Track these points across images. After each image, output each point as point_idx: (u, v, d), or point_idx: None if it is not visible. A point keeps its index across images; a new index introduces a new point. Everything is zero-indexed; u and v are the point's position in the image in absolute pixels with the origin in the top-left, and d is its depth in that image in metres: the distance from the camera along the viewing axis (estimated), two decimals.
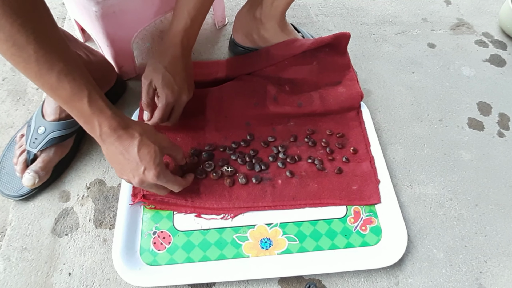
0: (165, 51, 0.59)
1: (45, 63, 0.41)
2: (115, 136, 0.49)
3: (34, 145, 0.61)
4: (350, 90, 0.73)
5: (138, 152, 0.49)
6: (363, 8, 0.98)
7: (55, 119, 0.62)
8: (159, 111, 0.61)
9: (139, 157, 0.49)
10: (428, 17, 0.97)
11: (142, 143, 0.50)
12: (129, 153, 0.49)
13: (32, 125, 0.62)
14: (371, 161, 0.67)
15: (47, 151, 0.62)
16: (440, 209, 0.65)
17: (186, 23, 0.58)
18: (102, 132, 0.48)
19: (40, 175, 0.61)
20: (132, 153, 0.49)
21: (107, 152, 0.51)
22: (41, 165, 0.61)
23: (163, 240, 0.59)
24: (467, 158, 0.72)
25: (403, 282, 0.58)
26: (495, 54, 0.89)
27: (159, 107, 0.61)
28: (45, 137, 0.62)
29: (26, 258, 0.58)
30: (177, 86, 0.60)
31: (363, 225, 0.61)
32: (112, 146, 0.49)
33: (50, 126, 0.62)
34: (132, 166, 0.50)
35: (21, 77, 0.80)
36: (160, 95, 0.60)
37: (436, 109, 0.79)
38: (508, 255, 0.61)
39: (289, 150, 0.68)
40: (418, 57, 0.88)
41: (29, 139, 0.62)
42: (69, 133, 0.64)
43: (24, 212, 0.62)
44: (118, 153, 0.50)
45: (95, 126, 0.47)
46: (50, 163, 0.63)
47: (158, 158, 0.51)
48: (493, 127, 0.77)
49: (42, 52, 0.40)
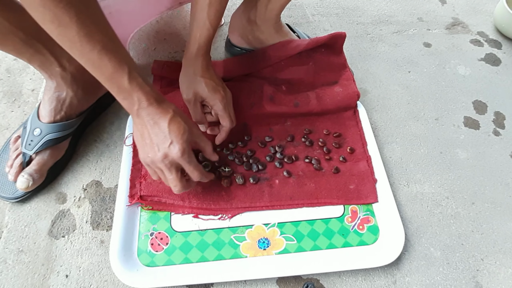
0: (195, 63, 0.61)
1: (88, 42, 0.42)
2: (151, 109, 0.50)
3: (29, 147, 0.61)
4: (346, 90, 0.74)
5: (168, 125, 0.50)
6: (359, 8, 0.98)
7: (50, 121, 0.62)
8: (226, 119, 0.61)
9: (168, 130, 0.50)
10: (423, 17, 0.97)
11: (174, 118, 0.51)
12: (159, 126, 0.50)
13: (28, 127, 0.62)
14: (368, 160, 0.67)
15: (42, 153, 0.62)
16: (437, 208, 0.65)
17: (209, 34, 0.60)
18: (140, 107, 0.49)
19: (34, 178, 0.61)
20: (163, 126, 0.50)
21: (138, 127, 0.52)
22: (35, 168, 0.61)
23: (160, 241, 0.58)
24: (463, 157, 0.72)
25: (401, 281, 0.58)
26: (490, 53, 0.90)
27: (222, 115, 0.61)
28: (41, 139, 0.61)
29: (22, 260, 0.58)
30: (221, 87, 0.61)
31: (361, 224, 0.61)
32: (145, 119, 0.50)
33: (46, 128, 0.62)
34: (160, 139, 0.50)
35: (16, 79, 0.79)
36: (214, 104, 0.61)
37: (432, 108, 0.79)
38: (504, 253, 0.62)
39: (286, 150, 0.68)
40: (414, 56, 0.88)
41: (25, 141, 0.61)
42: (65, 135, 0.64)
43: (20, 214, 0.62)
44: (149, 126, 0.50)
45: (134, 101, 0.49)
46: (44, 166, 0.62)
47: (187, 135, 0.51)
48: (489, 125, 0.77)
49: (84, 31, 0.41)
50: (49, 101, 0.63)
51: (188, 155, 0.52)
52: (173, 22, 0.91)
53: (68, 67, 0.62)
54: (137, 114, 0.50)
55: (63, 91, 0.63)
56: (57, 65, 0.61)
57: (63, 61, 0.62)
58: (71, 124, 0.65)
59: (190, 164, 0.53)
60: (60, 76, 0.62)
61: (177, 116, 0.51)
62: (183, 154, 0.51)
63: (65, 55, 0.62)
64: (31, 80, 0.79)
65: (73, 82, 0.63)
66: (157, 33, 0.88)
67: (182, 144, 0.50)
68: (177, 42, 0.87)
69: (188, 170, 0.54)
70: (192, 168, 0.54)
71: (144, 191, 0.61)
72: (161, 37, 0.87)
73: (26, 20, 0.56)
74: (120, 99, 0.50)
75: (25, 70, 0.81)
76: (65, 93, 0.63)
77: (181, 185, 0.54)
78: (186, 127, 0.51)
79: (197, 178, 0.55)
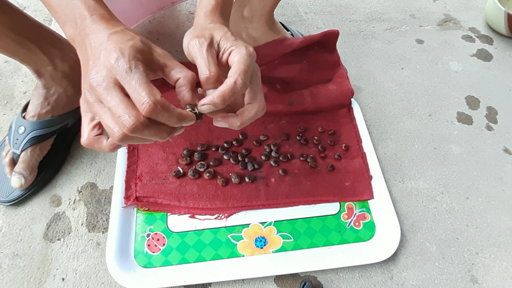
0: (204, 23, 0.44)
1: None
2: (94, 27, 0.37)
3: (16, 146, 0.61)
4: (340, 88, 0.74)
5: (109, 35, 0.35)
6: (351, 5, 0.98)
7: (35, 115, 0.62)
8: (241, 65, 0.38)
9: (107, 39, 0.35)
10: (415, 13, 0.98)
11: (121, 31, 0.37)
12: (100, 40, 0.36)
13: (13, 126, 0.62)
14: (363, 157, 0.67)
15: (25, 151, 0.61)
16: (431, 203, 0.66)
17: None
18: (81, 27, 0.37)
19: (25, 176, 0.60)
20: (102, 37, 0.36)
21: (80, 56, 0.38)
22: (22, 166, 0.61)
23: (157, 242, 0.58)
24: (457, 152, 0.73)
25: (397, 276, 0.58)
26: (481, 48, 0.91)
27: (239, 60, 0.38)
28: (25, 136, 0.61)
29: (18, 264, 0.57)
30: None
31: (357, 221, 0.61)
32: (86, 42, 0.37)
33: (29, 125, 0.61)
34: (96, 55, 0.35)
35: (7, 81, 0.78)
36: (236, 46, 0.39)
37: (426, 104, 0.79)
38: (498, 246, 0.62)
39: (282, 149, 0.68)
40: (407, 53, 0.89)
41: (11, 140, 0.61)
42: (49, 133, 0.63)
43: (14, 218, 0.62)
44: (89, 46, 0.36)
45: (75, 21, 0.38)
46: (31, 162, 0.62)
47: (133, 42, 0.35)
48: (482, 120, 0.78)
49: None
50: (37, 97, 0.62)
51: (139, 71, 0.33)
52: (166, 22, 0.90)
53: (60, 65, 0.62)
54: (80, 40, 0.37)
55: (52, 87, 0.63)
56: (49, 64, 0.61)
57: (56, 60, 0.61)
58: (55, 121, 0.64)
59: (133, 82, 0.33)
60: (49, 74, 0.62)
61: (127, 30, 0.37)
62: (131, 69, 0.33)
63: (58, 54, 0.62)
64: (23, 82, 0.78)
65: (63, 79, 0.63)
66: (150, 33, 0.88)
67: (121, 50, 0.34)
68: (170, 42, 0.86)
69: (132, 92, 0.33)
70: (139, 87, 0.33)
71: (139, 192, 0.61)
72: (154, 37, 0.87)
73: (17, 21, 0.56)
74: (63, 27, 0.39)
75: (16, 72, 0.80)
76: (54, 89, 0.63)
77: (134, 117, 0.33)
78: (135, 36, 0.36)
79: (147, 110, 0.33)
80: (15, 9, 0.56)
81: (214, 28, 0.41)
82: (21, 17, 0.57)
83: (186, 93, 0.37)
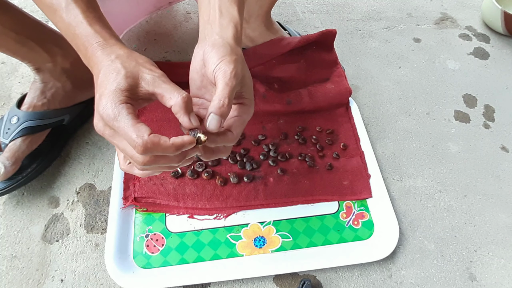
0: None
1: None
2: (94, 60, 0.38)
3: (6, 135, 0.60)
4: (338, 87, 0.74)
5: (100, 75, 0.36)
6: (348, 5, 0.98)
7: (30, 106, 0.61)
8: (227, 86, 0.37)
9: (100, 80, 0.36)
10: (412, 12, 0.98)
11: (111, 64, 0.36)
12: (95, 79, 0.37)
13: (5, 117, 0.61)
14: (361, 156, 0.68)
15: (15, 141, 0.60)
16: (430, 201, 0.66)
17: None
18: (86, 55, 0.38)
19: (6, 165, 0.58)
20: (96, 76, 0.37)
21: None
22: (7, 155, 0.59)
23: (156, 242, 0.58)
24: (455, 150, 0.73)
25: (396, 274, 0.59)
26: (478, 47, 0.91)
27: (225, 82, 0.37)
28: (18, 126, 0.60)
29: (16, 266, 0.57)
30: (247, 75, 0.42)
31: (356, 219, 0.62)
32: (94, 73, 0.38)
33: (23, 116, 0.60)
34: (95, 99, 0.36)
35: (4, 82, 0.78)
36: (220, 64, 0.38)
37: (423, 103, 0.80)
38: (496, 244, 0.62)
39: (280, 148, 0.68)
40: (404, 52, 0.89)
41: (2, 130, 0.60)
42: (43, 125, 0.62)
43: (12, 219, 0.61)
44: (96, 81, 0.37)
45: (82, 47, 0.39)
46: (17, 153, 0.60)
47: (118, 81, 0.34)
48: (479, 118, 0.78)
49: None
50: (34, 90, 0.62)
51: (118, 113, 0.33)
52: (163, 22, 0.90)
53: (61, 62, 0.62)
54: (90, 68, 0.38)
55: (50, 81, 0.63)
56: (49, 61, 0.61)
57: (57, 58, 0.61)
58: (50, 114, 0.63)
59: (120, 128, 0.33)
60: (49, 70, 0.62)
61: (116, 61, 0.36)
62: (107, 112, 0.33)
63: (60, 52, 0.62)
64: (20, 83, 0.78)
65: (62, 75, 0.63)
66: (148, 33, 0.87)
67: (106, 96, 0.34)
68: (167, 42, 0.86)
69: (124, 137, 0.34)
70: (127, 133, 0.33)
71: (138, 193, 0.61)
72: (151, 38, 0.87)
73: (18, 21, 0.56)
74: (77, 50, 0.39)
75: (13, 73, 0.80)
76: (52, 83, 0.63)
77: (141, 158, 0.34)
78: (120, 71, 0.35)
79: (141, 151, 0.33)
80: (15, 9, 0.56)
81: (208, 46, 0.40)
82: (21, 17, 0.57)
83: (183, 118, 0.36)
